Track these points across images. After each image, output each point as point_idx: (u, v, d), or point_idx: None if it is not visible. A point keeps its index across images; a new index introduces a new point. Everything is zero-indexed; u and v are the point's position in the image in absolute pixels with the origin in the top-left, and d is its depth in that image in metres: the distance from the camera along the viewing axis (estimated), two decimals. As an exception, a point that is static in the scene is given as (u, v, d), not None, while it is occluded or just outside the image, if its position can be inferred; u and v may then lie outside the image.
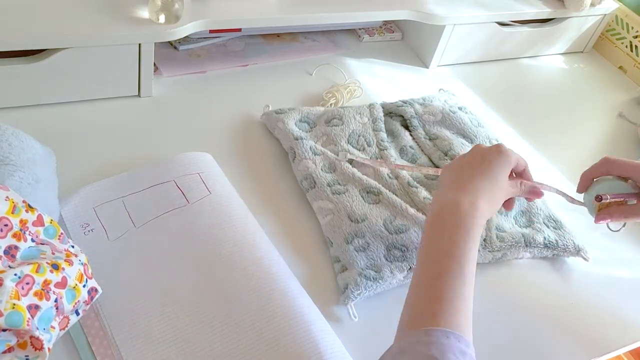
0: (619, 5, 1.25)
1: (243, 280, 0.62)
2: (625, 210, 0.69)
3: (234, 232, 0.66)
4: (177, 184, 0.70)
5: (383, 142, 0.84)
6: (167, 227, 0.66)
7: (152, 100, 0.87)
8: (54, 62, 0.76)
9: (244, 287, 0.61)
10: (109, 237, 0.65)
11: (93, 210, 0.67)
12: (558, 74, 1.22)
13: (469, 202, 0.61)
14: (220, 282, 0.61)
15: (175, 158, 0.74)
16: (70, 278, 0.53)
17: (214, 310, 0.59)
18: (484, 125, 0.92)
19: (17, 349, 0.49)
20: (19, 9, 0.75)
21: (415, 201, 0.76)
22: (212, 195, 0.70)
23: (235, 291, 0.61)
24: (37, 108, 0.80)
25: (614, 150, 1.04)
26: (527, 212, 0.82)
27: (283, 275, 0.64)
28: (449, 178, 0.67)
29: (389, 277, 0.68)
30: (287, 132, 0.82)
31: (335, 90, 0.95)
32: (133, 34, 0.78)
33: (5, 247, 0.52)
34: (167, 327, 0.58)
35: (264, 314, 0.60)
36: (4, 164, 0.60)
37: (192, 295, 0.60)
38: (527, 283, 0.76)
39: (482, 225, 0.61)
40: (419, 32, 1.11)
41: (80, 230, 0.65)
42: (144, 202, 0.68)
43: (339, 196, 0.74)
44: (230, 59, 0.98)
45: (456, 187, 0.64)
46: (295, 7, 0.92)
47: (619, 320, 0.74)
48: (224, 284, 0.61)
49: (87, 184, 0.70)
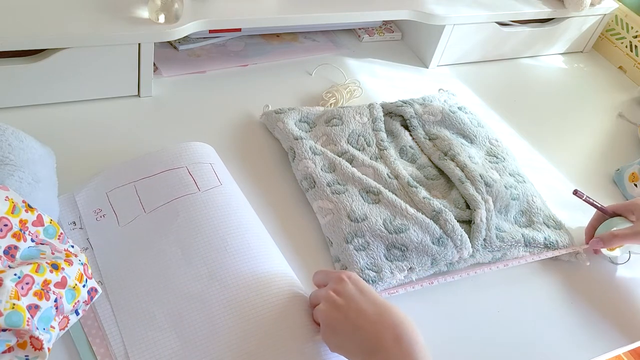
0: (618, 5, 1.25)
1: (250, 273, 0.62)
2: (613, 234, 0.76)
3: (243, 225, 0.66)
4: (189, 171, 0.70)
5: (383, 142, 0.84)
6: (177, 214, 0.66)
7: (152, 100, 0.87)
8: (54, 62, 0.76)
9: (250, 281, 0.61)
10: (120, 222, 0.66)
11: (106, 195, 0.68)
12: (558, 74, 1.22)
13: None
14: (226, 273, 0.61)
15: (187, 145, 0.74)
16: (70, 278, 0.53)
17: (218, 301, 0.59)
18: (483, 125, 0.92)
19: (16, 349, 0.49)
20: (19, 9, 0.75)
21: (415, 201, 0.76)
22: (223, 186, 0.70)
23: (241, 283, 0.61)
24: (37, 108, 0.80)
25: (613, 150, 1.04)
26: (527, 212, 0.82)
27: (288, 275, 0.65)
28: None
29: (388, 277, 0.68)
30: (286, 132, 0.82)
31: (335, 90, 0.95)
32: (133, 33, 0.78)
33: (5, 247, 0.52)
34: (170, 315, 0.58)
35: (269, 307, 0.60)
36: (4, 164, 0.60)
37: (196, 284, 0.60)
38: (527, 283, 0.76)
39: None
40: (419, 32, 1.11)
41: (92, 216, 0.66)
42: (155, 187, 0.68)
43: (338, 196, 0.74)
44: (230, 59, 0.98)
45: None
46: (295, 7, 0.92)
47: (619, 320, 0.74)
48: (230, 275, 0.61)
49: (101, 171, 0.71)
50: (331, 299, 0.57)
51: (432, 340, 0.66)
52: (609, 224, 0.79)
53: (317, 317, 0.59)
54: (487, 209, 0.76)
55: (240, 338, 0.57)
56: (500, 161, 0.85)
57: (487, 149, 0.88)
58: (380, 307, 0.56)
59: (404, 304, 0.68)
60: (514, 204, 0.80)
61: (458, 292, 0.72)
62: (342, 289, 0.58)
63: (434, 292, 0.71)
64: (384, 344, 0.53)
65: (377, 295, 0.57)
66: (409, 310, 0.67)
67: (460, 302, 0.71)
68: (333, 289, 0.58)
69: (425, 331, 0.67)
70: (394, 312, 0.56)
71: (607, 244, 0.76)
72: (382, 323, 0.54)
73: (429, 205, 0.75)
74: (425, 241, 0.71)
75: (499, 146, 0.89)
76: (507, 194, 0.79)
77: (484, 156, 0.86)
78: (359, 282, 0.58)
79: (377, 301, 0.56)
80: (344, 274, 0.59)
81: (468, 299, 0.72)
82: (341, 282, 0.58)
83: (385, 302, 0.57)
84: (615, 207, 0.80)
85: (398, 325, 0.54)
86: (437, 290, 0.71)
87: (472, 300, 0.72)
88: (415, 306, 0.69)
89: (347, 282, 0.58)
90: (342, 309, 0.56)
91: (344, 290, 0.57)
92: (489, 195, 0.78)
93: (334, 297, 0.57)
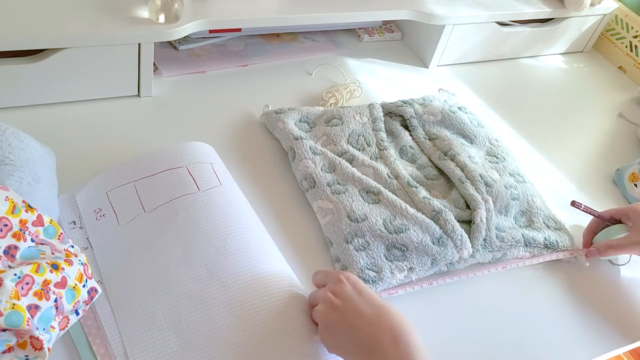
0: (618, 5, 1.25)
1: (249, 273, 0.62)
2: (609, 244, 0.76)
3: (243, 225, 0.66)
4: (188, 170, 0.70)
5: (383, 142, 0.84)
6: (176, 213, 0.66)
7: (152, 100, 0.87)
8: (54, 62, 0.76)
9: (249, 281, 0.61)
10: (120, 222, 0.66)
11: (106, 195, 0.68)
12: (558, 74, 1.22)
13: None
14: (225, 273, 0.61)
15: (187, 145, 0.74)
16: (70, 278, 0.53)
17: (217, 301, 0.59)
18: (483, 125, 0.92)
19: (16, 349, 0.49)
20: (19, 9, 0.75)
21: (415, 201, 0.76)
22: (223, 186, 0.70)
23: (240, 283, 0.61)
24: (37, 108, 0.80)
25: (613, 150, 1.04)
26: (527, 212, 0.82)
27: (288, 275, 0.65)
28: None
29: (388, 277, 0.68)
30: (286, 132, 0.82)
31: (335, 90, 0.95)
32: (133, 33, 0.78)
33: (5, 247, 0.52)
34: (169, 314, 0.58)
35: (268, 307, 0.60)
36: (4, 164, 0.60)
37: (196, 284, 0.60)
38: (526, 283, 0.76)
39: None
40: (419, 32, 1.11)
41: (92, 215, 0.66)
42: (155, 187, 0.68)
43: (338, 196, 0.74)
44: (230, 59, 0.98)
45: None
46: (294, 7, 0.92)
47: (619, 320, 0.74)
48: (229, 275, 0.61)
49: (101, 171, 0.71)
50: (329, 300, 0.57)
51: (433, 341, 0.66)
52: (607, 233, 0.79)
53: (315, 318, 0.59)
54: (487, 209, 0.76)
55: (240, 338, 0.57)
56: (500, 161, 0.85)
57: (487, 149, 0.88)
58: (378, 308, 0.56)
59: (404, 304, 0.68)
60: (514, 204, 0.80)
61: (458, 292, 0.72)
62: (340, 290, 0.58)
63: (434, 292, 0.71)
64: (381, 345, 0.53)
65: (375, 296, 0.57)
66: (409, 310, 0.68)
67: (460, 302, 0.71)
68: (331, 290, 0.58)
69: (426, 331, 0.67)
70: (392, 313, 0.55)
71: (603, 254, 0.77)
72: (379, 324, 0.54)
73: (429, 205, 0.75)
74: (425, 241, 0.71)
75: (499, 146, 0.89)
76: (507, 194, 0.79)
77: (484, 156, 0.86)
78: (357, 283, 0.58)
79: (375, 302, 0.56)
80: (342, 274, 0.59)
81: (468, 299, 0.72)
82: (339, 283, 0.58)
83: (383, 303, 0.57)
84: (613, 211, 0.80)
85: (396, 326, 0.54)
86: (437, 291, 0.71)
87: (472, 300, 0.72)
88: (416, 306, 0.69)
89: (345, 283, 0.58)
90: (339, 310, 0.56)
91: (341, 291, 0.57)
92: (489, 195, 0.78)
93: (332, 298, 0.57)
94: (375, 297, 0.57)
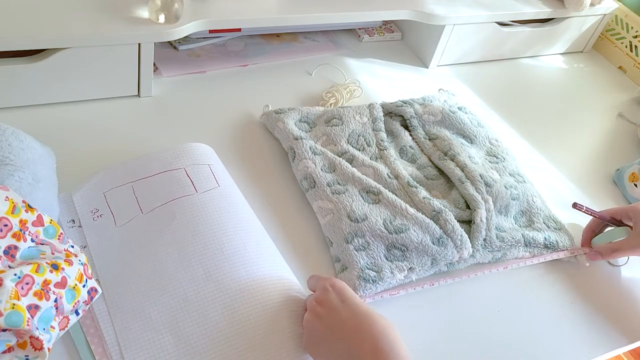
0: (618, 5, 1.25)
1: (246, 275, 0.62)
2: (612, 247, 0.77)
3: (240, 227, 0.66)
4: (186, 172, 0.70)
5: (383, 142, 0.84)
6: (173, 215, 0.66)
7: (152, 100, 0.87)
8: (54, 62, 0.76)
9: (246, 283, 0.61)
10: (117, 222, 0.65)
11: (103, 195, 0.68)
12: (558, 74, 1.22)
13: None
14: (222, 275, 0.61)
15: (186, 146, 0.74)
16: (70, 278, 0.53)
17: (213, 303, 0.59)
18: (483, 125, 0.92)
19: (16, 349, 0.49)
20: (19, 9, 0.75)
21: (415, 201, 0.76)
22: (221, 188, 0.70)
23: (237, 285, 0.61)
24: (37, 108, 0.80)
25: (613, 150, 1.04)
26: (527, 212, 0.82)
27: (285, 277, 0.65)
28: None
29: (388, 277, 0.68)
30: (286, 132, 0.82)
31: (335, 90, 0.95)
32: (133, 33, 0.78)
33: (5, 247, 0.52)
34: (165, 315, 0.58)
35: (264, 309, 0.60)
36: (4, 164, 0.60)
37: (192, 285, 0.60)
38: (527, 283, 0.76)
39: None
40: (419, 32, 1.11)
41: (89, 215, 0.66)
42: (152, 188, 0.68)
43: (338, 196, 0.74)
44: (230, 59, 0.98)
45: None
46: (294, 7, 0.92)
47: (619, 320, 0.74)
48: (226, 277, 0.61)
49: (98, 171, 0.70)
50: (314, 309, 0.57)
51: (432, 341, 0.66)
52: (608, 235, 0.79)
53: (303, 326, 0.58)
54: (487, 209, 0.76)
55: (236, 340, 0.57)
56: (500, 161, 0.85)
57: (487, 149, 0.88)
58: (360, 318, 0.55)
59: (404, 305, 0.68)
60: (514, 204, 0.80)
61: (458, 292, 0.72)
62: (324, 299, 0.57)
63: (434, 292, 0.71)
64: (361, 357, 0.52)
65: (360, 305, 0.56)
66: (409, 310, 0.68)
67: (461, 302, 0.71)
68: (316, 298, 0.58)
69: (426, 331, 0.67)
70: (375, 322, 0.54)
71: (605, 258, 0.78)
72: (360, 333, 0.53)
73: (429, 205, 0.75)
74: (426, 241, 0.71)
75: (499, 146, 0.89)
76: (507, 194, 0.79)
77: (484, 156, 0.86)
78: (342, 291, 0.57)
79: (358, 311, 0.55)
80: (329, 282, 0.58)
81: (468, 299, 0.72)
82: (325, 291, 0.58)
83: (367, 312, 0.55)
84: (613, 211, 0.80)
85: (376, 336, 0.53)
86: (437, 291, 0.71)
87: (472, 300, 0.72)
88: (416, 306, 0.69)
89: (330, 291, 0.57)
90: (323, 319, 0.56)
91: (326, 299, 0.57)
92: (489, 195, 0.78)
93: (317, 307, 0.57)
94: (359, 306, 0.56)
